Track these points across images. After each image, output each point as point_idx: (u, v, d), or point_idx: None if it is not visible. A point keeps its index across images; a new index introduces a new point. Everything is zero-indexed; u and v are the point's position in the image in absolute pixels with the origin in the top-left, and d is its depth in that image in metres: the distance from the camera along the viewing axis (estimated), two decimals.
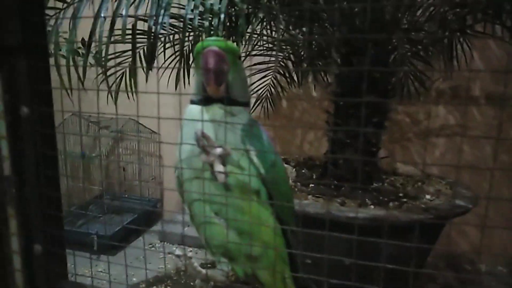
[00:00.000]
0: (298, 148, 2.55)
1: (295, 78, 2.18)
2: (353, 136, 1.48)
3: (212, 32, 1.03)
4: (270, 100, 2.34)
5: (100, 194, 2.81)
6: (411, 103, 2.19)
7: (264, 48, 1.94)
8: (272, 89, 2.32)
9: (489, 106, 2.17)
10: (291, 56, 2.00)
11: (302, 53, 1.91)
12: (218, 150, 0.73)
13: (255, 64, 2.12)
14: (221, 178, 0.73)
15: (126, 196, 2.81)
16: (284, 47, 1.95)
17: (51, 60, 0.99)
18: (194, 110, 0.78)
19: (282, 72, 2.23)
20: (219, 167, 0.72)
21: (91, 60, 1.10)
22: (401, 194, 1.51)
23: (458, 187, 1.57)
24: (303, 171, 1.80)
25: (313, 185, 1.60)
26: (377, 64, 1.48)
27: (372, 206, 1.36)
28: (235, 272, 0.80)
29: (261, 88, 2.28)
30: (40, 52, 0.63)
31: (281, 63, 2.19)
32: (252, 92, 2.27)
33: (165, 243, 2.40)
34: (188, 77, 1.71)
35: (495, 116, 2.13)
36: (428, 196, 1.49)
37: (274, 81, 2.29)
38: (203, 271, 0.79)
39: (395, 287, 0.70)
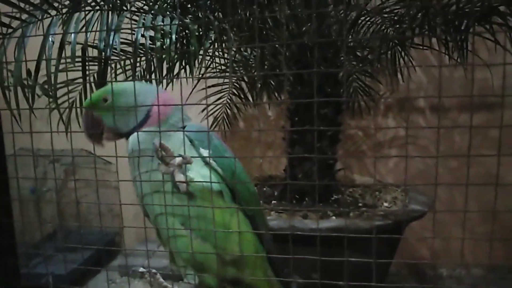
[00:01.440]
0: (258, 168, 2.56)
1: (250, 98, 2.22)
2: (310, 150, 1.52)
3: (164, 56, 1.04)
4: (227, 121, 2.35)
5: (54, 230, 2.67)
6: (361, 117, 2.28)
7: (217, 70, 1.97)
8: (228, 110, 2.34)
9: (432, 115, 2.30)
10: (244, 77, 2.04)
11: (254, 73, 1.95)
12: (178, 160, 0.74)
13: (209, 87, 2.14)
14: (183, 187, 0.73)
15: (82, 231, 2.69)
16: (236, 68, 1.99)
17: None
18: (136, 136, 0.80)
19: (237, 93, 2.26)
20: (179, 177, 0.73)
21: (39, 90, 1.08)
22: (360, 204, 1.56)
23: (412, 193, 1.64)
24: (264, 189, 1.82)
25: (275, 201, 1.61)
26: (327, 80, 1.54)
27: (333, 217, 1.39)
28: (205, 284, 0.80)
29: (217, 110, 2.30)
30: None
31: (235, 84, 2.22)
32: (208, 114, 2.28)
33: (128, 277, 2.31)
34: None
35: (440, 125, 2.25)
36: (386, 204, 1.55)
37: (230, 102, 2.31)
38: (169, 286, 0.77)
39: None
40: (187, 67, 1.62)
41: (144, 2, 1.23)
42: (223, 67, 1.98)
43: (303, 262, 0.78)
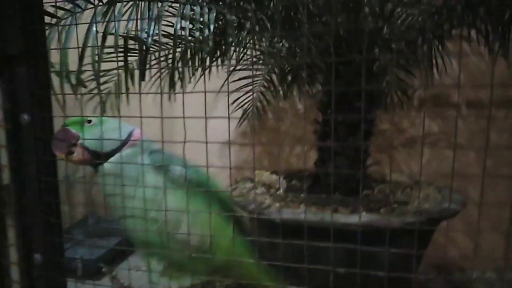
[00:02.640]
0: (286, 162, 2.56)
1: (281, 91, 2.21)
2: (342, 145, 1.51)
3: (201, 44, 1.04)
4: (257, 115, 2.35)
5: (84, 217, 2.75)
6: (394, 112, 2.24)
7: (249, 62, 1.97)
8: (258, 104, 2.34)
9: (470, 112, 2.23)
10: (275, 69, 2.03)
11: (286, 66, 1.94)
12: None
13: (240, 79, 2.15)
14: None
15: (110, 219, 2.75)
16: (268, 60, 1.98)
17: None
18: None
19: (267, 86, 2.25)
20: None
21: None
22: (391, 200, 1.54)
23: (446, 191, 1.61)
24: (293, 182, 1.82)
25: (303, 195, 1.61)
26: (361, 73, 1.51)
27: (364, 213, 1.38)
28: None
29: (246, 103, 2.30)
30: (40, 60, 0.64)
31: (266, 76, 2.22)
32: (237, 107, 2.29)
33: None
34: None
35: (476, 122, 2.19)
36: (417, 201, 1.52)
37: (260, 95, 2.31)
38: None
39: None
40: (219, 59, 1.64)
41: None
42: (255, 59, 1.98)
43: (332, 256, 0.77)
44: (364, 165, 1.60)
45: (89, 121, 0.90)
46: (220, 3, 1.35)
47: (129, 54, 1.49)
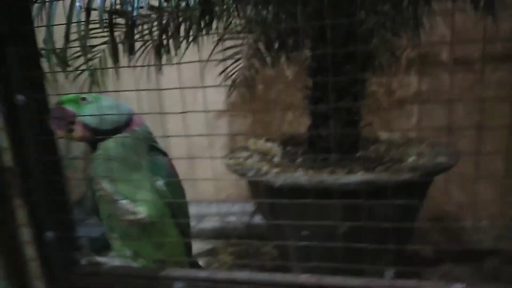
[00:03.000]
0: (278, 129, 2.57)
1: (268, 59, 2.19)
2: (334, 108, 1.51)
3: (188, 14, 1.03)
4: (245, 84, 2.34)
5: (81, 197, 2.76)
6: (383, 73, 2.24)
7: (235, 31, 1.94)
8: (247, 73, 2.32)
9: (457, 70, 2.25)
10: (261, 38, 2.01)
11: (271, 33, 1.91)
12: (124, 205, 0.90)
13: (226, 49, 2.13)
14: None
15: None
16: (254, 28, 1.96)
17: None
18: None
19: (254, 54, 2.24)
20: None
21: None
22: (386, 159, 1.56)
23: (438, 147, 1.64)
24: (288, 148, 1.83)
25: (299, 160, 1.63)
26: (350, 36, 1.51)
27: (361, 172, 1.40)
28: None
29: (234, 72, 2.29)
30: (28, 39, 0.63)
31: (253, 45, 2.20)
32: (227, 78, 2.28)
33: None
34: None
35: (464, 78, 2.21)
36: (411, 158, 1.55)
37: (248, 64, 2.29)
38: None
39: (389, 248, 0.73)
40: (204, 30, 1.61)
41: None
42: (240, 28, 1.95)
43: (332, 216, 0.80)
44: (357, 126, 1.62)
45: (84, 99, 0.90)
46: None
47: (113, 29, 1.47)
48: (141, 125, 0.97)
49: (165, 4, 1.10)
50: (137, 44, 1.64)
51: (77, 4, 0.88)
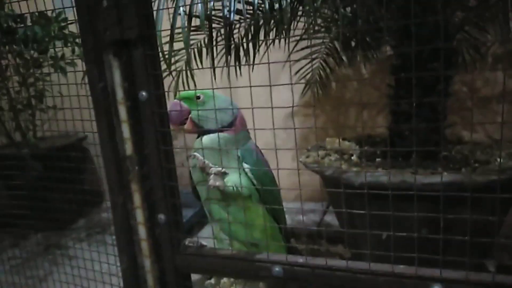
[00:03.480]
0: (351, 129, 2.55)
1: (344, 58, 2.19)
2: (417, 106, 1.49)
3: (280, 16, 1.08)
4: (319, 83, 2.36)
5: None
6: (467, 71, 2.14)
7: (312, 31, 1.96)
8: (321, 72, 2.34)
9: None
10: (339, 36, 2.01)
11: (347, 33, 1.90)
12: (214, 170, 0.97)
13: (303, 48, 2.16)
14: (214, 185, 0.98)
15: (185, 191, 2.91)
16: (332, 26, 1.96)
17: None
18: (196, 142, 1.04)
19: (330, 53, 2.24)
20: (215, 182, 0.98)
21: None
22: (471, 160, 1.50)
23: None
24: (366, 147, 1.82)
25: (379, 159, 1.62)
26: (437, 33, 1.47)
27: (445, 173, 1.37)
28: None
29: (309, 72, 2.31)
30: (152, 42, 0.71)
31: (329, 44, 2.21)
32: (301, 77, 2.31)
33: None
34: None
35: None
36: (499, 159, 1.48)
37: (323, 63, 2.31)
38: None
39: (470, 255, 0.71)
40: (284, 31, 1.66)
41: None
42: (317, 28, 1.97)
43: (413, 219, 0.79)
44: (441, 125, 1.57)
45: (198, 97, 1.00)
46: None
47: (199, 33, 1.57)
48: (242, 129, 1.05)
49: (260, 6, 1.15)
50: (217, 48, 1.73)
51: (181, 10, 0.96)
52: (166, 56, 1.06)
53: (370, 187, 1.31)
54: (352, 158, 1.67)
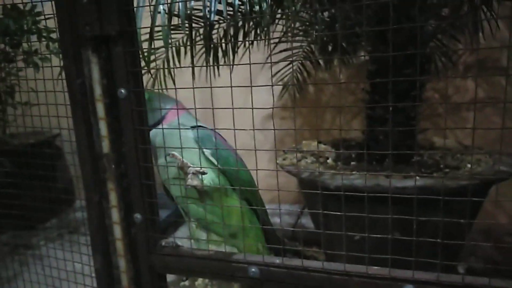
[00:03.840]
0: (327, 132, 2.59)
1: (321, 62, 2.22)
2: (392, 111, 1.52)
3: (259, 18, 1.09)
4: (296, 87, 2.38)
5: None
6: (438, 78, 2.21)
7: (289, 35, 1.99)
8: (299, 75, 2.37)
9: None
10: (317, 40, 2.03)
11: (324, 37, 1.93)
12: (193, 170, 0.95)
13: (281, 51, 2.17)
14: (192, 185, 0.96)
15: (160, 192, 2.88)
16: (310, 30, 1.99)
17: None
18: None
19: (308, 57, 2.27)
20: (194, 182, 0.96)
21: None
22: (442, 165, 1.55)
23: (497, 155, 1.60)
24: (341, 151, 1.85)
25: (353, 163, 1.65)
26: (411, 39, 1.51)
27: (417, 178, 1.41)
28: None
29: (287, 75, 2.33)
30: (132, 39, 0.70)
31: (307, 47, 2.24)
32: (278, 80, 2.33)
33: None
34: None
35: None
36: (469, 165, 1.53)
37: (301, 67, 2.33)
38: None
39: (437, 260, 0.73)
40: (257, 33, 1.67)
41: None
42: (296, 31, 2.00)
43: (386, 222, 0.80)
44: (414, 131, 1.62)
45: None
46: None
47: (176, 32, 1.56)
48: (179, 116, 1.03)
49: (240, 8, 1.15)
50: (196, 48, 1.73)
51: (161, 8, 0.96)
52: (146, 54, 1.05)
53: (345, 189, 1.33)
54: (328, 161, 1.69)
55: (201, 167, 0.93)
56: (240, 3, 1.08)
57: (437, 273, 0.60)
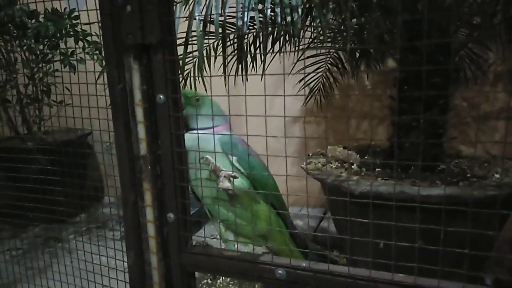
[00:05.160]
0: (352, 138, 2.59)
1: (348, 68, 2.23)
2: (418, 119, 1.52)
3: (292, 27, 1.11)
4: (323, 92, 2.39)
5: None
6: (467, 87, 2.18)
7: (319, 40, 2.00)
8: (325, 81, 2.38)
9: None
10: (344, 47, 2.04)
11: (354, 42, 1.94)
12: (225, 173, 1.00)
13: (308, 57, 2.19)
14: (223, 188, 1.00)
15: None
16: (338, 37, 2.00)
17: None
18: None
19: (335, 63, 2.28)
20: (226, 185, 1.00)
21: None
22: (469, 175, 1.54)
23: None
24: (366, 157, 1.86)
25: (378, 169, 1.65)
26: (440, 48, 1.51)
27: (443, 186, 1.40)
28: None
29: (313, 81, 2.35)
30: (172, 47, 0.74)
31: (334, 54, 2.25)
32: (304, 85, 2.34)
33: None
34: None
35: None
36: (497, 175, 1.51)
37: (327, 73, 2.35)
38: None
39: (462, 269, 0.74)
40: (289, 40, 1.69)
41: None
42: (327, 38, 2.01)
43: (409, 230, 0.81)
44: (441, 139, 1.61)
45: (198, 100, 1.02)
46: None
47: (209, 37, 1.60)
48: (227, 132, 1.11)
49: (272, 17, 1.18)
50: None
51: (197, 16, 0.99)
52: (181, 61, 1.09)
53: (368, 197, 1.34)
54: (353, 167, 1.70)
55: (232, 171, 0.97)
56: (272, 13, 1.11)
57: (463, 283, 0.62)
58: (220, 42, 1.22)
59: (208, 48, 1.71)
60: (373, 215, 0.93)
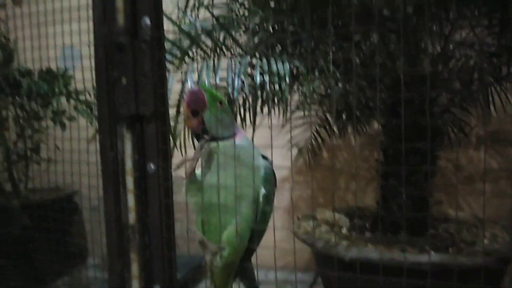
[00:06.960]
0: (341, 199, 2.60)
1: (335, 129, 2.28)
2: (405, 183, 1.54)
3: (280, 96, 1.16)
4: (311, 152, 2.43)
5: None
6: (452, 149, 2.24)
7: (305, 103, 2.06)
8: (313, 142, 2.42)
9: None
10: (331, 109, 2.11)
11: (339, 107, 2.00)
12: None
13: (297, 119, 2.25)
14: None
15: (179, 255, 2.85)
16: (325, 100, 2.07)
17: None
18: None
19: (323, 125, 2.34)
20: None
21: None
22: (457, 240, 1.54)
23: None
24: (355, 220, 1.85)
25: (368, 233, 1.65)
26: (422, 113, 1.57)
27: (432, 252, 1.40)
28: None
29: (301, 140, 2.39)
30: (164, 118, 0.76)
31: (322, 115, 2.31)
32: (292, 146, 2.38)
33: None
34: None
35: None
36: (486, 241, 1.52)
37: (315, 134, 2.40)
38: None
39: None
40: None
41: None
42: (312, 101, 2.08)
43: None
44: (428, 203, 1.63)
45: (221, 103, 0.95)
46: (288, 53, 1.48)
47: None
48: (244, 138, 1.00)
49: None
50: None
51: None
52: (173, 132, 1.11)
53: (360, 262, 1.32)
54: (342, 230, 1.69)
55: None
56: (261, 80, 1.15)
57: None
58: None
59: None
60: (364, 281, 0.92)
